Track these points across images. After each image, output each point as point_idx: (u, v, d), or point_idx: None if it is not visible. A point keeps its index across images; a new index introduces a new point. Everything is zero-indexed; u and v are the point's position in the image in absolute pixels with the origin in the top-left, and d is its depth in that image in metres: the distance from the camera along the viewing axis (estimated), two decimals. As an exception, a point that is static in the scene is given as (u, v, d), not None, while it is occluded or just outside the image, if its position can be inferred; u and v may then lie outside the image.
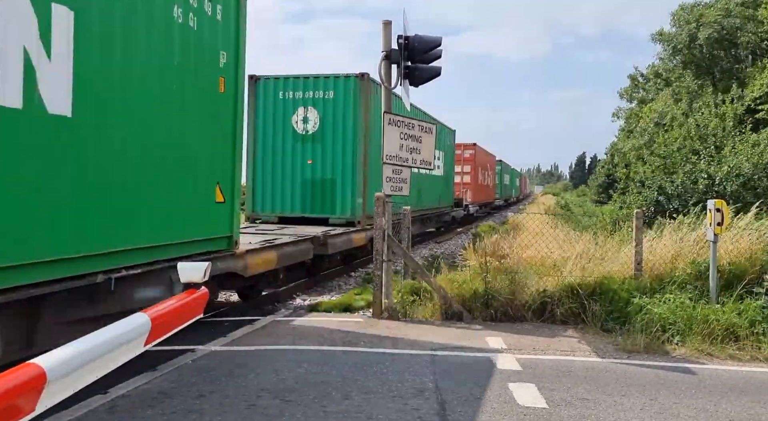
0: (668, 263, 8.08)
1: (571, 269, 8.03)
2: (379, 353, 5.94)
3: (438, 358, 5.84)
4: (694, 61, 24.59)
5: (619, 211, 16.39)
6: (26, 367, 2.22)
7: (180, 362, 5.46)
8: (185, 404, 4.43)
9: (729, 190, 12.61)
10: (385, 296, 7.64)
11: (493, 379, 5.21)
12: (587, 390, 5.00)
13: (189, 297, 3.80)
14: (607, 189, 34.46)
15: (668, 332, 6.57)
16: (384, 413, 4.33)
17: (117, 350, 2.86)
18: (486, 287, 7.60)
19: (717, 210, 7.44)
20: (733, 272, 7.63)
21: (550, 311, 7.45)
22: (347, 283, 11.80)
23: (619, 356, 6.11)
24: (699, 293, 7.32)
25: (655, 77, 30.10)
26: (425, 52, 8.04)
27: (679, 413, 4.54)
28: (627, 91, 39.72)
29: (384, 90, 8.17)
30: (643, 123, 24.84)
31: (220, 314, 8.23)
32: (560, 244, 9.21)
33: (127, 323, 3.07)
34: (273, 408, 4.39)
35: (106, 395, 4.53)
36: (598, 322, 7.11)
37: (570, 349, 6.32)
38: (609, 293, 7.34)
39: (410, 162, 8.08)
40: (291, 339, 6.47)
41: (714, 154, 14.11)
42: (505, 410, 4.48)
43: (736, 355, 6.19)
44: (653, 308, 6.84)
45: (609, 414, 4.47)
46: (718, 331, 6.45)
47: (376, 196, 7.81)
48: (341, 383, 4.98)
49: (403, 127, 7.92)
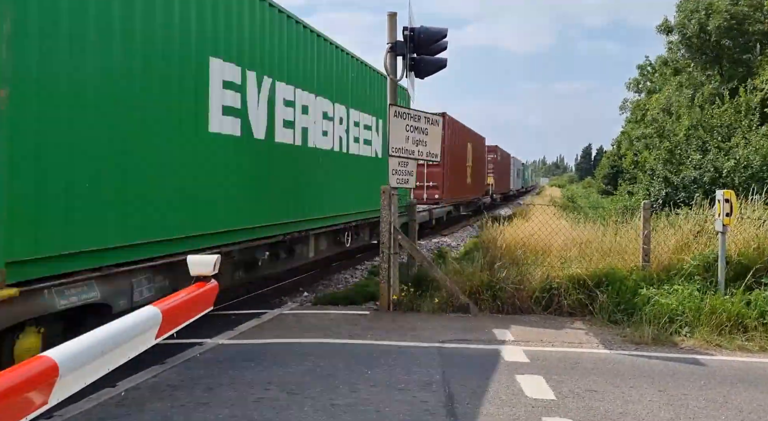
0: (675, 254, 8.04)
1: (578, 260, 8.01)
2: (386, 346, 5.95)
3: (445, 350, 5.84)
4: (703, 51, 24.34)
5: (626, 201, 16.32)
6: (39, 359, 2.23)
7: (188, 356, 5.49)
8: (193, 397, 4.46)
9: (737, 181, 12.52)
10: (392, 288, 7.64)
11: (500, 371, 5.21)
12: (595, 382, 4.99)
13: (199, 290, 3.81)
14: (613, 179, 34.29)
15: (676, 323, 6.55)
16: (391, 406, 4.34)
17: (128, 343, 2.87)
18: (492, 279, 7.59)
19: (726, 201, 7.39)
20: (741, 262, 7.58)
21: (557, 303, 7.44)
22: (354, 275, 11.82)
23: (627, 347, 6.10)
24: (707, 283, 7.29)
25: (663, 66, 29.75)
26: (431, 43, 8.00)
27: (688, 405, 4.53)
28: (635, 81, 39.41)
29: (389, 82, 8.14)
30: (652, 112, 24.61)
31: (226, 307, 8.26)
32: (566, 234, 9.17)
33: (137, 316, 3.08)
34: (280, 401, 4.40)
35: (115, 388, 4.55)
36: (605, 313, 7.09)
37: (577, 341, 6.31)
38: (616, 284, 7.31)
39: (416, 154, 8.06)
40: (298, 332, 6.48)
41: (722, 146, 13.98)
42: (513, 401, 4.48)
43: (745, 346, 6.16)
44: (661, 299, 6.81)
45: (617, 406, 4.47)
46: (726, 322, 6.42)
47: (382, 188, 7.80)
48: (348, 376, 4.99)
49: (409, 119, 7.90)
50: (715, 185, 12.24)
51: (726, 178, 12.81)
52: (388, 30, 8.02)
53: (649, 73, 37.41)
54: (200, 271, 3.90)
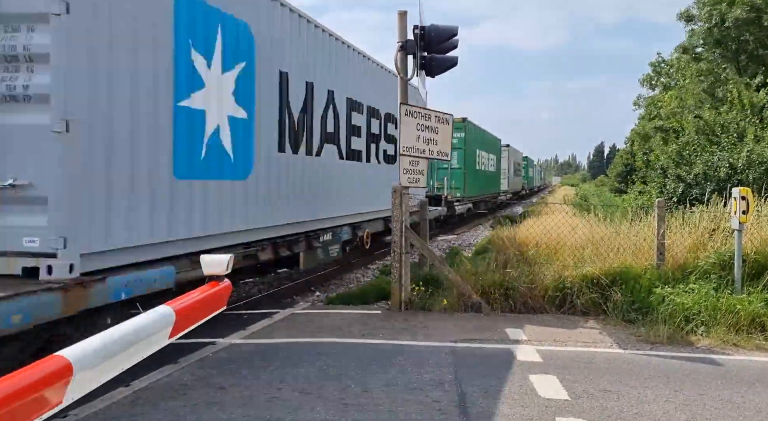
0: (691, 252, 7.94)
1: (591, 258, 7.94)
2: (397, 346, 5.93)
3: (457, 350, 5.81)
4: (724, 43, 23.97)
5: (639, 199, 16.16)
6: (52, 359, 2.25)
7: (201, 355, 5.52)
8: (206, 396, 4.48)
9: (752, 178, 12.35)
10: (403, 288, 7.62)
11: (513, 371, 5.17)
12: (609, 382, 4.94)
13: (212, 289, 3.81)
14: (626, 178, 33.97)
15: (692, 323, 6.47)
16: (403, 406, 4.33)
17: (142, 342, 2.87)
18: (504, 278, 7.54)
19: (742, 198, 7.28)
20: (758, 260, 7.48)
21: (570, 302, 7.37)
22: (365, 275, 11.82)
23: (642, 347, 6.03)
24: (723, 282, 7.18)
25: (683, 52, 29.20)
26: (441, 42, 7.96)
27: (704, 405, 4.46)
28: (648, 78, 38.95)
29: (400, 81, 8.12)
30: (667, 109, 24.31)
31: (239, 307, 8.29)
32: (579, 232, 9.10)
33: (151, 316, 3.08)
34: (293, 401, 4.40)
35: (128, 387, 4.58)
36: (619, 313, 7.02)
37: (591, 340, 6.25)
38: (630, 283, 7.24)
39: (427, 153, 8.03)
40: (309, 332, 6.49)
41: (736, 142, 13.81)
42: (526, 401, 4.45)
43: (763, 345, 6.07)
44: (676, 298, 6.73)
45: (632, 406, 4.42)
46: (743, 321, 6.33)
47: (393, 187, 7.78)
48: (360, 375, 4.99)
49: (420, 117, 7.87)
50: (730, 181, 12.08)
51: (741, 175, 12.64)
52: (399, 29, 8.00)
53: (663, 69, 36.97)
54: (213, 270, 3.91)
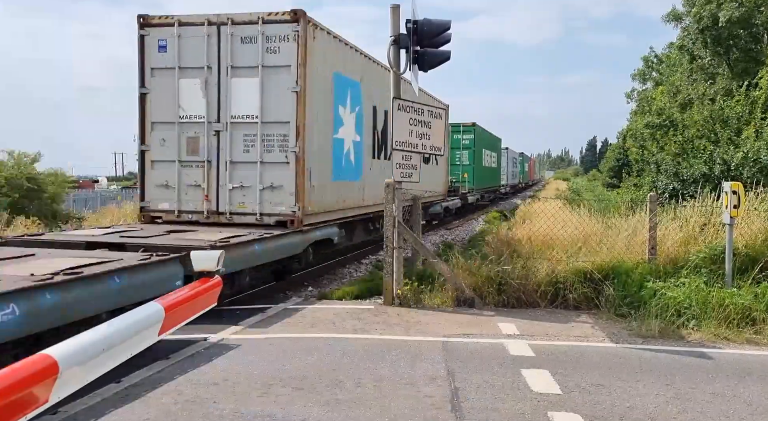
0: (682, 247, 7.97)
1: (583, 253, 7.95)
2: (390, 341, 5.92)
3: (450, 345, 5.81)
4: (716, 41, 24.06)
5: (632, 193, 16.20)
6: (38, 357, 2.22)
7: (192, 351, 5.48)
8: (198, 392, 4.45)
9: (746, 175, 12.40)
10: (396, 283, 7.61)
11: (506, 365, 5.18)
12: (601, 376, 4.95)
13: (203, 286, 3.79)
14: (618, 172, 34.12)
15: (683, 317, 6.50)
16: (396, 401, 4.32)
17: (130, 340, 2.85)
18: (497, 274, 7.54)
19: (733, 192, 7.31)
20: (749, 255, 7.52)
21: (563, 297, 7.40)
22: (358, 270, 11.80)
23: (634, 341, 6.05)
24: (714, 276, 7.22)
25: (679, 50, 29.30)
26: (434, 36, 7.91)
27: (695, 398, 4.49)
28: (640, 72, 39.07)
29: (393, 75, 8.07)
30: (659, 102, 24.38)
31: (231, 303, 8.25)
32: (572, 226, 9.11)
33: (140, 313, 3.06)
34: (285, 396, 4.39)
35: (119, 383, 4.55)
36: (611, 307, 7.05)
37: (583, 334, 6.27)
38: (622, 277, 7.26)
39: (420, 148, 8.00)
40: (302, 327, 6.47)
41: (733, 139, 13.84)
42: (518, 396, 4.45)
43: (753, 339, 6.11)
44: (668, 292, 6.76)
45: (624, 400, 4.43)
46: (734, 315, 6.36)
47: (386, 182, 7.75)
48: (353, 370, 4.98)
49: (413, 112, 7.84)
50: (724, 179, 12.12)
51: (735, 172, 12.69)
52: (391, 23, 7.94)
53: (654, 64, 37.09)
54: (204, 266, 3.88)
